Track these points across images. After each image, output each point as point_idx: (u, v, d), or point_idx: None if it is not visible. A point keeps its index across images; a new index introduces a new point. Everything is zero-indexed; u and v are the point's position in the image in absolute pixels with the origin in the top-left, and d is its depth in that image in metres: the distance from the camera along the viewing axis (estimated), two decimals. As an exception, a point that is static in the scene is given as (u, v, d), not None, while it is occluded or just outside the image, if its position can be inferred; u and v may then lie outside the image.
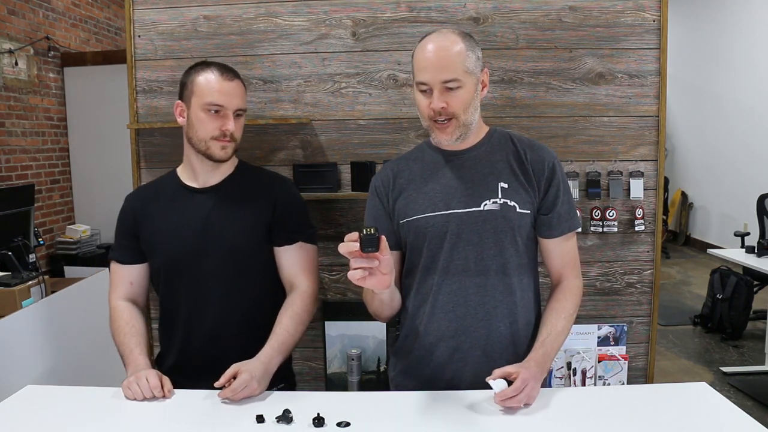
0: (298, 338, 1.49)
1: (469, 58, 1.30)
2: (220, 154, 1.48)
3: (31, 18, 4.74)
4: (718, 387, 3.19)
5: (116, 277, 1.57)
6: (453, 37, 1.31)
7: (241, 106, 1.49)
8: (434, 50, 1.29)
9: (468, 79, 1.30)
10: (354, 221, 2.16)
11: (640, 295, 2.16)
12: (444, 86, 1.28)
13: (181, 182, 1.56)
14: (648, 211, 2.13)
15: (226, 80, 1.46)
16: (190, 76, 1.48)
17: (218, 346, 1.49)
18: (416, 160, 1.44)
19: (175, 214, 1.53)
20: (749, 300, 4.07)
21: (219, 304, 1.51)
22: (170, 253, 1.51)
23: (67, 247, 4.79)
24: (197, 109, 1.45)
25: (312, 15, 2.10)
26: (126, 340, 1.46)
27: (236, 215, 1.52)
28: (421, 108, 1.33)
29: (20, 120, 4.59)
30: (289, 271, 1.55)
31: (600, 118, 2.10)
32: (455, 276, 1.34)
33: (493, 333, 1.34)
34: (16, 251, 2.50)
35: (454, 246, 1.33)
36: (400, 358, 1.47)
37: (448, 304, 1.35)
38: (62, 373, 2.21)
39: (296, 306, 1.50)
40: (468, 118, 1.32)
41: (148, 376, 1.33)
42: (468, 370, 1.35)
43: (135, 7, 2.13)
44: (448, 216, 1.34)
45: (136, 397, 1.30)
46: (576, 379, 2.14)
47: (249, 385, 1.30)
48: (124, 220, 1.58)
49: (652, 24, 2.07)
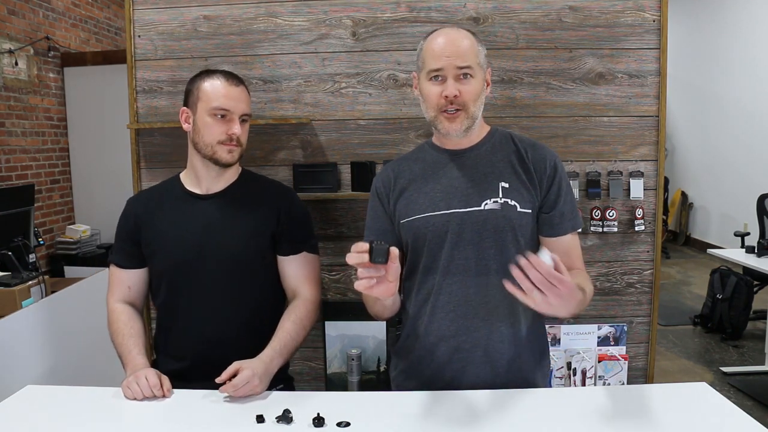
0: (300, 343, 1.50)
1: (479, 53, 1.34)
2: (227, 158, 1.49)
3: (31, 18, 4.74)
4: (718, 387, 3.19)
5: (115, 280, 1.58)
6: (464, 32, 1.35)
7: (246, 111, 1.51)
8: (449, 40, 1.32)
9: (479, 71, 1.33)
10: (354, 221, 2.16)
11: (640, 295, 2.16)
12: (459, 73, 1.30)
13: (185, 188, 1.57)
14: (648, 211, 2.13)
15: (232, 86, 1.48)
16: (196, 83, 1.51)
17: (219, 353, 1.46)
18: (417, 160, 1.44)
19: (178, 219, 1.53)
20: (749, 300, 4.07)
21: (220, 311, 1.51)
22: (172, 258, 1.51)
23: (67, 247, 4.79)
24: (204, 114, 1.47)
25: (312, 15, 2.10)
26: (124, 341, 1.47)
27: (239, 223, 1.53)
28: (432, 97, 1.33)
29: (20, 120, 4.59)
30: (294, 281, 1.58)
31: (600, 118, 2.11)
32: (456, 276, 1.34)
33: (494, 333, 1.34)
34: (16, 251, 2.50)
35: (455, 246, 1.33)
36: (401, 358, 1.47)
37: (449, 304, 1.35)
38: (62, 373, 2.21)
39: (299, 311, 1.52)
40: (476, 111, 1.34)
41: (147, 375, 1.33)
42: (469, 370, 1.35)
43: (135, 7, 2.13)
44: (449, 215, 1.34)
45: (136, 397, 1.30)
46: (576, 379, 2.15)
47: (251, 382, 1.30)
48: (125, 223, 1.58)
49: (652, 24, 2.07)
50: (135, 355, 1.43)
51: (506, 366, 1.35)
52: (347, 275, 2.18)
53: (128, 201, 1.62)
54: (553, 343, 2.15)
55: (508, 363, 1.35)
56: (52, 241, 4.85)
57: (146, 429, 1.22)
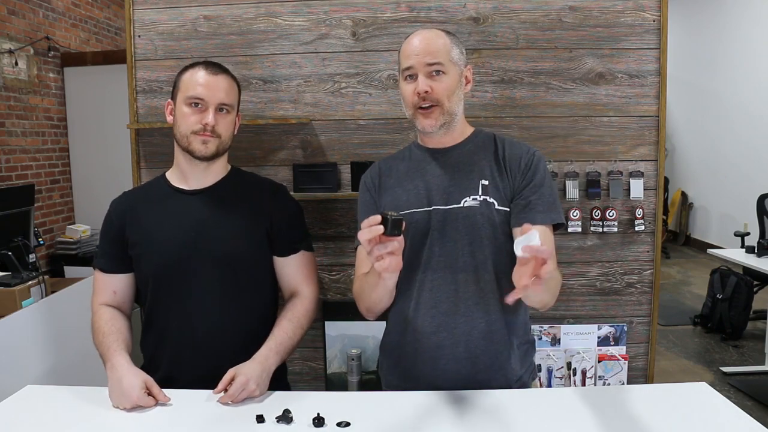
0: (297, 341, 1.48)
1: (453, 50, 1.36)
2: (201, 149, 1.43)
3: (31, 18, 4.74)
4: (718, 387, 3.19)
5: (99, 285, 1.52)
6: (438, 32, 1.38)
7: (224, 100, 1.44)
8: (420, 39, 1.36)
9: (452, 68, 1.35)
10: (354, 221, 2.15)
11: (640, 295, 2.16)
12: (429, 70, 1.33)
13: (171, 185, 1.52)
14: (648, 211, 2.13)
15: (210, 74, 1.43)
16: (179, 75, 1.47)
17: (214, 356, 1.43)
18: (403, 159, 1.48)
19: (166, 217, 1.47)
20: (749, 300, 4.07)
21: (213, 312, 1.46)
22: (161, 258, 1.45)
23: (67, 247, 4.78)
24: (181, 104, 1.43)
25: (312, 15, 2.10)
26: (104, 339, 1.40)
27: (231, 219, 1.48)
28: (406, 95, 1.37)
29: (20, 120, 4.59)
30: (292, 281, 1.55)
31: (600, 118, 2.11)
32: (437, 272, 1.35)
33: (473, 330, 1.34)
34: (16, 251, 2.49)
35: (436, 242, 1.35)
36: (386, 354, 1.48)
37: (430, 300, 1.36)
38: (62, 373, 2.21)
39: (296, 310, 1.50)
40: (452, 107, 1.36)
41: (131, 389, 1.26)
42: (451, 366, 1.35)
43: (135, 7, 2.13)
44: (430, 212, 1.36)
45: (126, 407, 1.27)
46: (576, 379, 2.15)
47: (246, 387, 1.29)
48: (109, 226, 1.52)
49: (652, 24, 2.07)
50: (113, 350, 1.36)
51: (488, 362, 1.35)
52: (347, 275, 2.18)
53: (112, 203, 1.56)
54: (553, 343, 2.15)
55: (490, 359, 1.35)
56: (52, 241, 4.84)
57: (146, 429, 1.22)
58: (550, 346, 2.13)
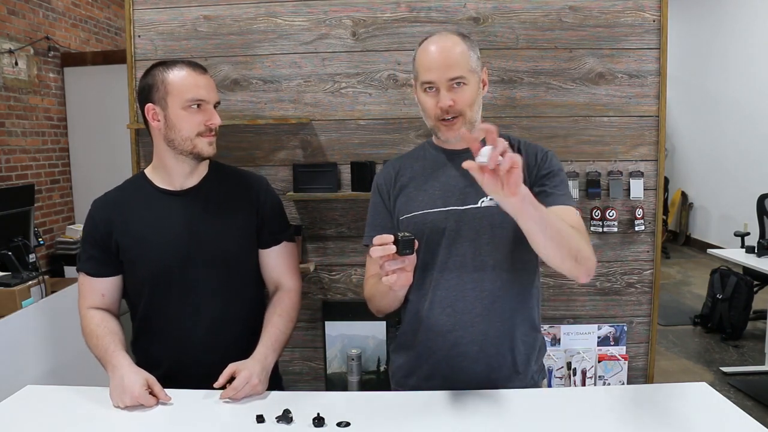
0: (289, 335, 1.49)
1: (471, 58, 1.34)
2: (208, 150, 1.43)
3: (31, 18, 4.74)
4: (718, 387, 3.19)
5: (86, 288, 1.48)
6: (454, 38, 1.35)
7: (218, 99, 1.46)
8: (438, 50, 1.33)
9: (472, 77, 1.34)
10: (354, 221, 2.16)
11: (640, 295, 2.16)
12: (450, 84, 1.32)
13: (155, 186, 1.48)
14: (648, 211, 2.13)
15: (200, 74, 1.42)
16: (157, 77, 1.42)
17: (214, 354, 1.43)
18: (418, 158, 1.47)
19: (156, 221, 1.45)
20: (749, 300, 4.07)
21: (212, 312, 1.46)
22: (159, 262, 1.43)
23: (67, 247, 4.78)
24: (177, 108, 1.40)
25: (312, 15, 2.10)
26: (100, 341, 1.39)
27: (222, 219, 1.48)
28: (428, 108, 1.35)
29: (20, 120, 4.59)
30: (275, 272, 1.54)
31: (600, 118, 2.11)
32: (453, 272, 1.35)
33: (490, 329, 1.35)
34: (16, 251, 2.49)
35: (452, 242, 1.35)
36: (399, 354, 1.48)
37: (446, 300, 1.36)
38: (62, 373, 2.21)
39: (284, 304, 1.50)
40: (473, 115, 1.36)
41: (132, 387, 1.27)
42: (466, 365, 1.36)
43: (135, 7, 2.13)
44: (447, 213, 1.36)
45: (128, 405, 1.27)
46: (576, 379, 2.15)
47: (250, 382, 1.29)
48: (94, 229, 1.48)
49: (652, 24, 2.07)
50: (112, 350, 1.35)
51: (502, 361, 1.36)
52: (347, 275, 2.18)
53: (94, 204, 1.51)
54: (553, 343, 2.15)
55: (504, 358, 1.36)
56: (52, 241, 4.84)
57: (146, 429, 1.22)
58: (550, 346, 2.13)
